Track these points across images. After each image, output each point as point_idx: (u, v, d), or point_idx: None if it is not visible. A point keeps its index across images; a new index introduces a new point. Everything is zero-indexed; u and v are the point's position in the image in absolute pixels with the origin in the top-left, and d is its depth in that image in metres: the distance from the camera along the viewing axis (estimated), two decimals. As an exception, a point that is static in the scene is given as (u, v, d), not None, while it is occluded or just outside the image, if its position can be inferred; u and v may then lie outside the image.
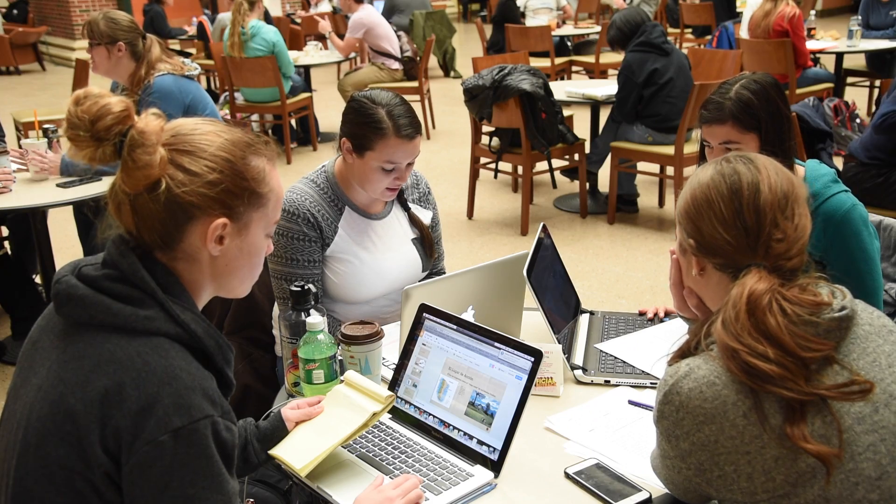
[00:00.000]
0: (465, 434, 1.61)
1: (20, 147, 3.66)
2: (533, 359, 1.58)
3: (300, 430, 1.60)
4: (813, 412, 1.20)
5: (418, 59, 7.75)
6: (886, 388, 1.25)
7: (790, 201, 1.31)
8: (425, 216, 2.39)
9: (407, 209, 2.36)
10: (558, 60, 8.51)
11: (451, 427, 1.64)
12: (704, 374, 1.24)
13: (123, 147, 1.23)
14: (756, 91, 2.06)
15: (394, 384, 1.76)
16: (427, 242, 2.36)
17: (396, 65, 7.63)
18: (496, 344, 1.63)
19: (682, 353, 1.35)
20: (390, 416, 1.74)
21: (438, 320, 1.74)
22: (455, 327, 1.71)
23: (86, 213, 4.00)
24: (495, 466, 1.55)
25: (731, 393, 1.22)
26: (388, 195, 2.21)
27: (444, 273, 2.48)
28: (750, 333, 1.22)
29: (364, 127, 2.11)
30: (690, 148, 4.83)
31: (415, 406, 1.71)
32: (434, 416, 1.67)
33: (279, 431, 1.61)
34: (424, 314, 1.77)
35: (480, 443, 1.59)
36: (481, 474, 1.54)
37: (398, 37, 7.73)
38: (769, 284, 1.25)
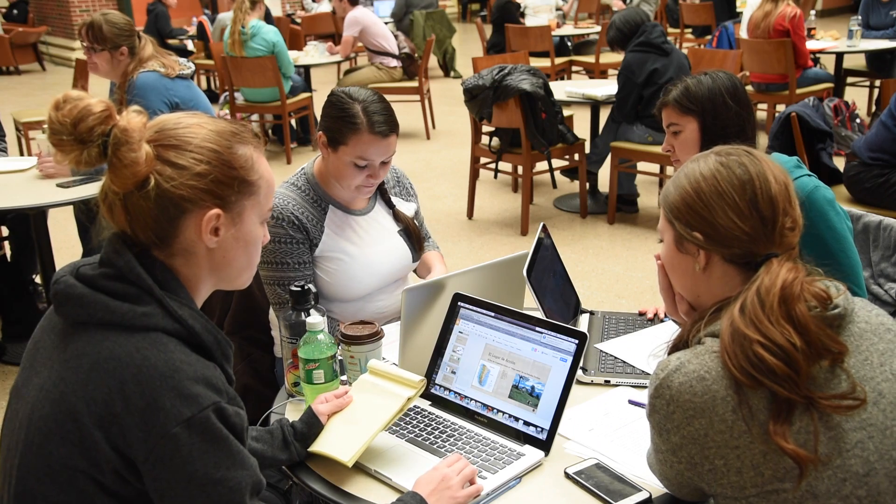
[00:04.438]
0: (510, 416, 1.64)
1: (34, 145, 3.66)
2: (577, 341, 1.61)
3: (336, 424, 1.61)
4: (800, 410, 1.20)
5: (416, 55, 7.75)
6: (876, 386, 1.26)
7: (790, 192, 1.34)
8: (409, 209, 2.41)
9: (391, 206, 2.37)
10: (558, 60, 8.52)
11: (495, 410, 1.67)
12: (695, 368, 1.25)
13: (108, 147, 1.22)
14: (702, 81, 2.22)
15: (430, 373, 1.78)
16: (414, 234, 2.37)
17: (395, 62, 7.64)
18: (538, 328, 1.66)
19: (675, 347, 1.35)
20: (430, 402, 1.75)
21: (475, 308, 1.76)
22: (493, 314, 1.73)
23: (81, 215, 4.00)
24: (545, 445, 1.58)
25: (720, 388, 1.22)
26: (363, 192, 2.22)
27: (438, 248, 2.54)
28: (778, 321, 1.21)
29: (339, 121, 2.12)
30: (690, 148, 4.83)
31: (455, 392, 1.73)
32: (476, 401, 1.70)
33: (315, 428, 1.61)
34: (459, 303, 1.78)
35: (527, 424, 1.62)
36: (532, 453, 1.57)
37: (395, 36, 7.74)
38: (797, 274, 1.27)
